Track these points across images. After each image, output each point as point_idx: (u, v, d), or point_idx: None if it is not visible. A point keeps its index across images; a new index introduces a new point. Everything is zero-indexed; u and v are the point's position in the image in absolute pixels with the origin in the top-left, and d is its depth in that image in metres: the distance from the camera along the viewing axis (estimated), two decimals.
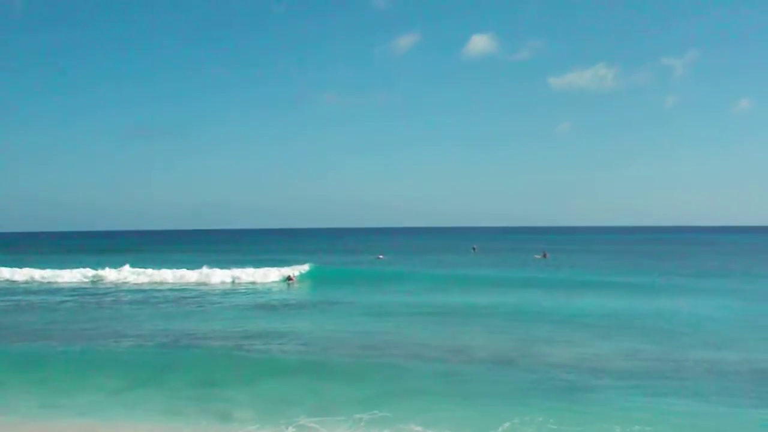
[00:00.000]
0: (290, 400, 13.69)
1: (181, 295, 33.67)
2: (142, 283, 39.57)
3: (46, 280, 41.34)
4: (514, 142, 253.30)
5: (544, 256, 64.75)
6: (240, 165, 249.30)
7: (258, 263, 45.19)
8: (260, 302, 30.86)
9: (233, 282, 39.49)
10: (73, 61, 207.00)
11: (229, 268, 41.86)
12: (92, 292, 35.59)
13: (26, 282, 41.34)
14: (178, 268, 42.14)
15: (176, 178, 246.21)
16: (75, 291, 36.38)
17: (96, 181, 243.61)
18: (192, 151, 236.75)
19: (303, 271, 41.60)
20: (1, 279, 42.70)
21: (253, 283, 39.47)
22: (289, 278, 40.31)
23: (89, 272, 42.10)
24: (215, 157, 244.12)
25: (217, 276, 40.22)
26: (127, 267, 42.55)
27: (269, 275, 40.86)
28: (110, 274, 41.51)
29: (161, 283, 39.56)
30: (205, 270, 40.98)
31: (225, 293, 34.76)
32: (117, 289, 36.90)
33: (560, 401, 13.32)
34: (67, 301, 32.01)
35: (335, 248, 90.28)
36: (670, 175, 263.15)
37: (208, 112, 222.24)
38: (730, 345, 19.34)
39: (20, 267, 45.10)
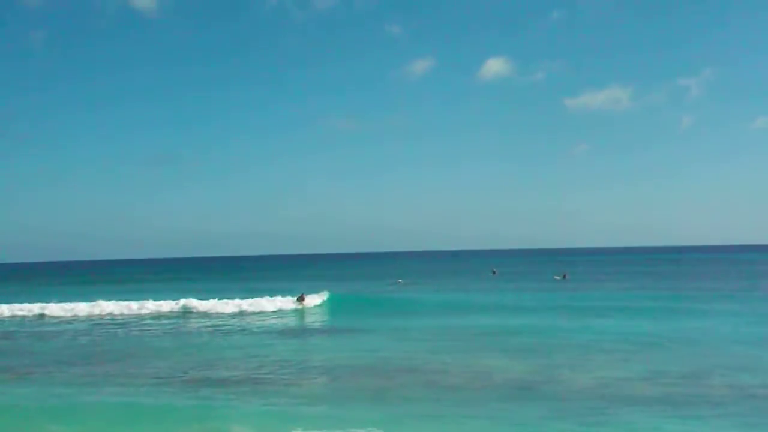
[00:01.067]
0: (304, 417, 13.83)
1: (195, 325, 33.86)
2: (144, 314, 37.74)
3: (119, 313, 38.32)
4: (531, 163, 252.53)
5: (564, 277, 64.36)
6: (251, 190, 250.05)
7: (272, 292, 43.21)
8: (276, 329, 30.94)
9: (241, 313, 37.33)
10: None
11: (242, 298, 40.15)
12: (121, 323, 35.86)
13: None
14: (191, 297, 40.80)
15: (189, 205, 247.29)
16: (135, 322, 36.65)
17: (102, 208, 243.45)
18: (199, 178, 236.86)
19: (319, 302, 39.90)
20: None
21: (263, 312, 37.58)
22: (300, 298, 39.48)
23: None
24: (223, 183, 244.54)
25: (229, 307, 38.46)
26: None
27: (284, 305, 39.21)
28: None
29: (169, 314, 37.84)
30: (213, 302, 39.43)
31: (239, 322, 34.69)
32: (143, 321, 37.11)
33: (583, 428, 13.19)
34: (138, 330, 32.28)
35: (353, 274, 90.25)
36: (687, 194, 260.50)
37: (217, 137, 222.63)
38: (755, 367, 19.07)
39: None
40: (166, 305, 39.37)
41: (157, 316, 37.26)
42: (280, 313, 37.45)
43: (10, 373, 20.64)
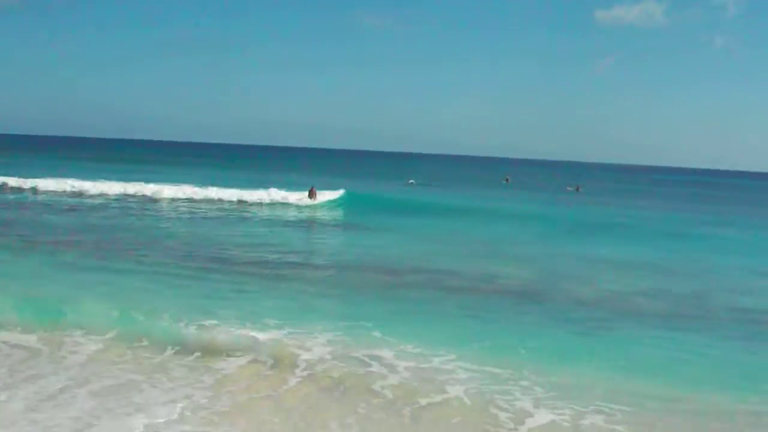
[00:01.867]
0: (312, 310, 14.26)
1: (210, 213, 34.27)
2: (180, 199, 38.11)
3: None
4: (555, 72, 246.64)
5: (577, 189, 64.12)
6: (291, 83, 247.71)
7: (290, 186, 42.44)
8: (281, 221, 31.25)
9: (240, 202, 37.18)
10: None
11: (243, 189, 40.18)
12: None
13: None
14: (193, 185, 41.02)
15: (236, 94, 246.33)
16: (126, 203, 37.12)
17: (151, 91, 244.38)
18: (249, 68, 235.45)
19: (331, 198, 39.06)
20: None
21: (271, 203, 37.58)
22: (310, 192, 38.55)
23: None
24: (272, 74, 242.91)
25: (227, 195, 38.34)
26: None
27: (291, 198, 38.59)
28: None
29: (190, 199, 37.98)
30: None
31: (241, 211, 34.94)
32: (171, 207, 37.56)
33: (582, 337, 13.47)
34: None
35: (366, 172, 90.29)
36: (715, 115, 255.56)
37: (267, 28, 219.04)
38: (761, 293, 19.18)
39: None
40: (171, 190, 39.23)
41: (162, 200, 37.49)
42: (286, 205, 37.29)
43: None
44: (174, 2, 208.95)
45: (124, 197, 37.81)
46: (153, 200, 37.00)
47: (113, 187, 39.84)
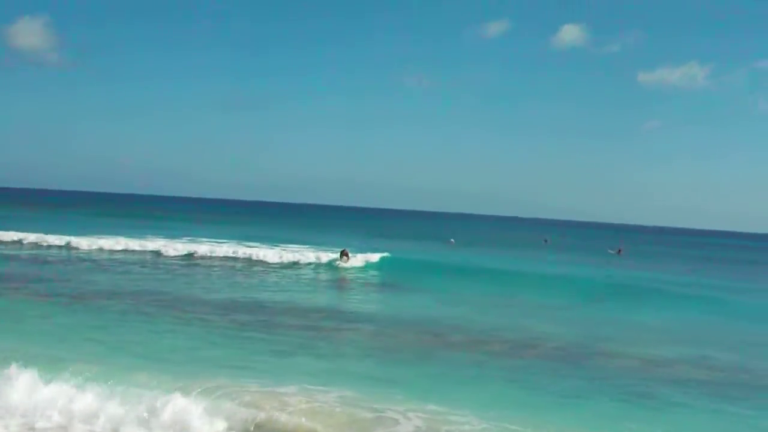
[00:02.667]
0: (349, 374, 14.14)
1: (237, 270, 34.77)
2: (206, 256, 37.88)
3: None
4: (599, 136, 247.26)
5: (619, 252, 63.24)
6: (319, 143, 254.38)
7: (327, 245, 42.75)
8: (313, 281, 31.52)
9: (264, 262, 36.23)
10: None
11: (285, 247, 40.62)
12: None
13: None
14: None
15: (269, 151, 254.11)
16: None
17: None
18: (285, 126, 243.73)
19: (363, 263, 36.66)
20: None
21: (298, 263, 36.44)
22: (343, 253, 36.83)
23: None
24: (305, 133, 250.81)
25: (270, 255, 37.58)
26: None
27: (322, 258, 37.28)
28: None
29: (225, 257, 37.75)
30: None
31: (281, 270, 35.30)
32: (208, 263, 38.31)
33: (624, 404, 13.25)
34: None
35: (405, 232, 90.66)
36: (759, 180, 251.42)
37: (298, 89, 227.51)
38: None
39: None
40: (206, 248, 39.39)
41: (197, 257, 37.57)
42: (316, 267, 36.17)
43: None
44: (205, 60, 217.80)
45: (157, 254, 37.58)
46: (188, 256, 37.58)
47: (148, 245, 39.62)
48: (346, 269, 35.24)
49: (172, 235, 44.88)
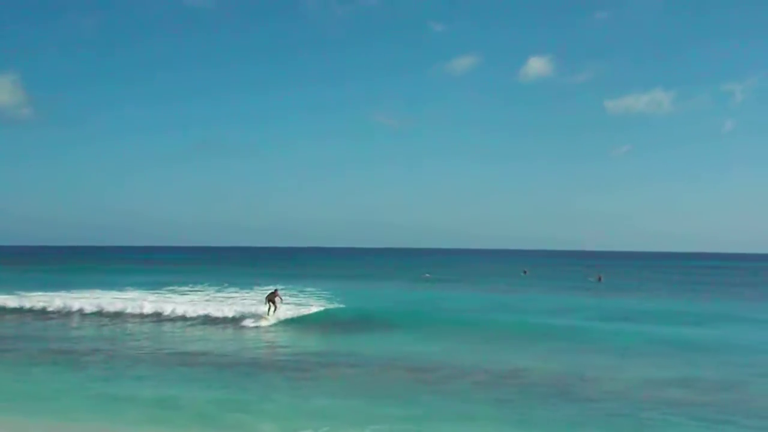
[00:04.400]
0: (337, 416, 13.79)
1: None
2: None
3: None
4: (570, 164, 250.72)
5: (599, 279, 63.48)
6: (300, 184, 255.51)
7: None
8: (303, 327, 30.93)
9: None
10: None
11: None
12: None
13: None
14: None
15: (244, 197, 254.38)
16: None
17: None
18: (256, 173, 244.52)
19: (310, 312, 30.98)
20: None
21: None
22: (269, 298, 29.43)
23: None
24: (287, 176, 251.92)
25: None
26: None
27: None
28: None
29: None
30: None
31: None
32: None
33: (614, 429, 13.02)
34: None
35: (376, 268, 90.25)
36: (730, 201, 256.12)
37: (273, 134, 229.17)
38: None
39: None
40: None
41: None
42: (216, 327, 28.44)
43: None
44: (189, 110, 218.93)
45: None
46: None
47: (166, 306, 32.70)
48: (257, 330, 27.51)
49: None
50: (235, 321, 29.23)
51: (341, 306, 33.89)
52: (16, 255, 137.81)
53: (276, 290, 30.39)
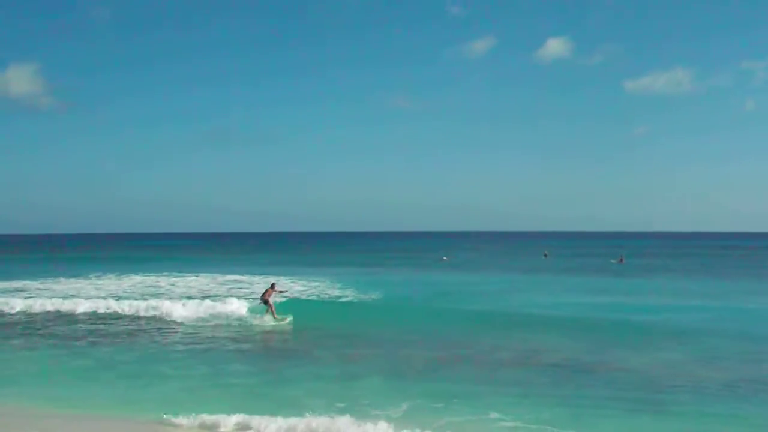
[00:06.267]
0: (361, 395, 13.89)
1: None
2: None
3: None
4: (589, 146, 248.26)
5: (621, 261, 63.06)
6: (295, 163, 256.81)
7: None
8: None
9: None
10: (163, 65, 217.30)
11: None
12: None
13: None
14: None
15: (271, 183, 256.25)
16: None
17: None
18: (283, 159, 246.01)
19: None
20: None
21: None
22: (266, 294, 24.92)
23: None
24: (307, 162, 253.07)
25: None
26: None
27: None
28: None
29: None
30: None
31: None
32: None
33: (637, 411, 13.02)
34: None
35: (398, 249, 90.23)
36: (751, 180, 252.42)
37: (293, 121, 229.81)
38: None
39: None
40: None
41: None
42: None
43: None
44: (205, 98, 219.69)
45: None
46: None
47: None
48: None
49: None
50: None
51: (357, 291, 33.80)
52: (45, 243, 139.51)
53: (273, 284, 25.85)
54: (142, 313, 26.50)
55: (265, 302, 24.70)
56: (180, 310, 26.21)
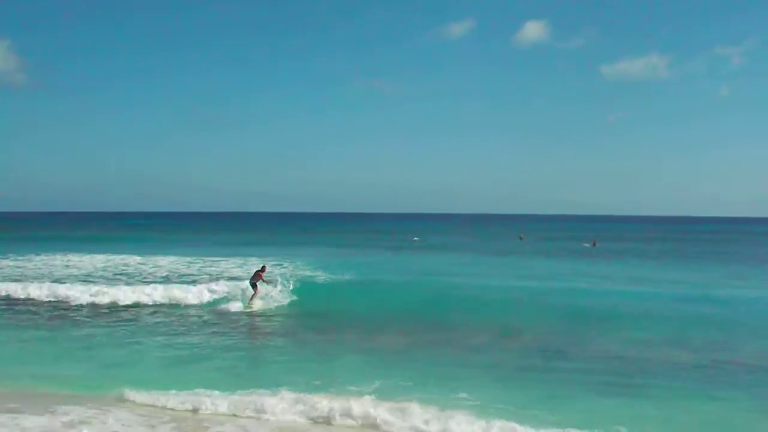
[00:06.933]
0: (333, 375, 13.99)
1: None
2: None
3: None
4: (565, 130, 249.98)
5: (594, 244, 63.63)
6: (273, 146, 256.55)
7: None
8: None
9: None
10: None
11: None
12: None
13: None
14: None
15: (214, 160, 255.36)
16: None
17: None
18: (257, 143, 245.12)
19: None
20: None
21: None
22: (256, 275, 24.28)
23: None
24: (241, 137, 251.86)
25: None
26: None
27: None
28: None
29: None
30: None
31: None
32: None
33: (608, 392, 13.13)
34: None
35: (370, 231, 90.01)
36: (724, 166, 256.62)
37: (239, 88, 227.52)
38: None
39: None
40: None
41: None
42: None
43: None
44: (188, 83, 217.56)
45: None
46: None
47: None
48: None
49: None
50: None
51: (326, 274, 32.16)
52: (58, 220, 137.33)
53: (264, 267, 25.20)
54: (118, 298, 25.10)
55: (254, 286, 23.95)
56: (155, 293, 25.47)
